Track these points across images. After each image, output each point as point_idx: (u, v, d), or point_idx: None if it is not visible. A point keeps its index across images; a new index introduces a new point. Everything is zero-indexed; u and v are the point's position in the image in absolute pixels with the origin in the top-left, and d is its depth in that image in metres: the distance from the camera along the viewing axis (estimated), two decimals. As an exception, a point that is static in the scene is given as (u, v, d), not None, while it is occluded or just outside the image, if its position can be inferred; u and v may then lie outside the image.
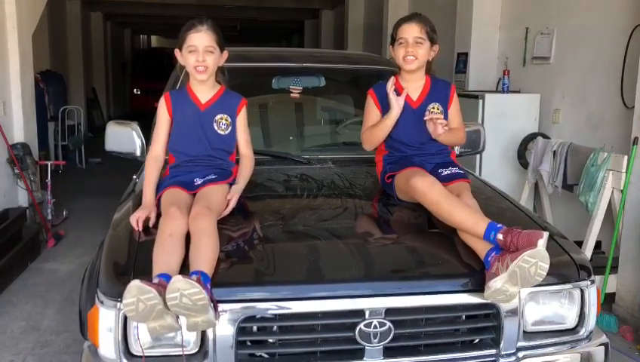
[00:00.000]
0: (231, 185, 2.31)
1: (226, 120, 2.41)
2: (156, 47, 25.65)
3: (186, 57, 2.36)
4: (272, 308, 1.86)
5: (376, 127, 2.52)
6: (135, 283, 1.71)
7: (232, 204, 2.22)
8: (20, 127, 5.57)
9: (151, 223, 2.15)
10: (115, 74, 17.13)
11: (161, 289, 1.74)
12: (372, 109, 2.58)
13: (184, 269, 1.88)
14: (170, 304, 1.72)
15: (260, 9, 14.28)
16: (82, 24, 13.38)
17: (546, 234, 1.89)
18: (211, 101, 2.43)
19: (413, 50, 2.46)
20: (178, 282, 1.72)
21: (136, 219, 2.13)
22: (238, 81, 3.01)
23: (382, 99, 2.55)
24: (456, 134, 2.57)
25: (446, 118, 2.48)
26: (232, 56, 2.40)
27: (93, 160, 9.36)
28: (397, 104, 2.44)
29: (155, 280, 1.79)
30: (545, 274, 1.86)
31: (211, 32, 2.35)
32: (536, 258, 1.83)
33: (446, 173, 2.39)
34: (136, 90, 16.81)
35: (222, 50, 2.40)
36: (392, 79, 2.50)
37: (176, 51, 2.41)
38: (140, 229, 2.12)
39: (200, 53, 2.32)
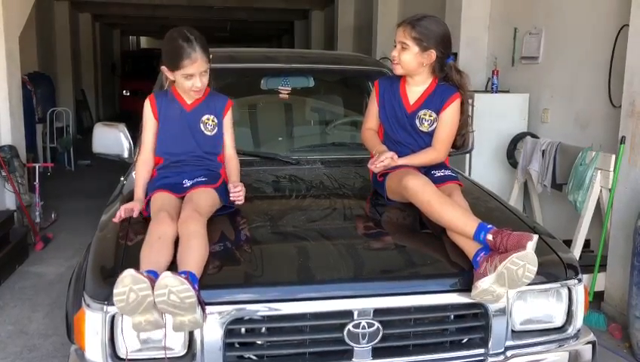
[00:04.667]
0: (217, 189, 2.27)
1: (213, 121, 2.39)
2: (146, 48, 25.53)
3: (179, 80, 2.29)
4: (260, 309, 1.86)
5: (370, 144, 2.54)
6: (129, 272, 1.69)
7: (241, 196, 2.25)
8: (7, 129, 5.51)
9: (135, 214, 2.17)
10: (104, 75, 17.03)
11: (151, 283, 1.72)
12: (372, 102, 2.59)
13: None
14: (157, 300, 1.70)
15: (249, 10, 14.25)
16: (71, 25, 13.29)
17: (535, 237, 1.89)
18: (197, 102, 2.41)
19: (396, 54, 2.45)
20: (167, 278, 1.70)
21: (124, 210, 2.15)
22: (227, 82, 3.01)
23: (383, 94, 2.55)
24: (425, 156, 2.43)
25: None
26: (221, 57, 2.38)
27: (82, 162, 9.29)
28: (383, 158, 2.34)
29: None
30: (532, 276, 1.86)
31: (204, 53, 2.25)
32: (525, 260, 1.84)
33: (439, 174, 2.39)
34: (126, 92, 16.70)
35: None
36: (388, 161, 2.34)
37: (164, 69, 2.30)
38: (122, 217, 2.14)
39: (197, 78, 2.27)
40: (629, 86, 3.71)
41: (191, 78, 2.27)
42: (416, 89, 2.50)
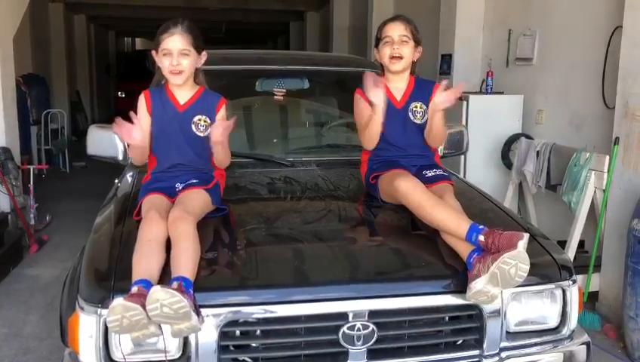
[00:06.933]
0: (208, 191, 2.26)
1: (205, 121, 2.37)
2: (141, 49, 25.43)
3: (161, 60, 2.33)
4: (255, 312, 1.86)
5: (368, 125, 2.48)
6: (119, 302, 1.70)
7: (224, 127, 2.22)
8: (2, 131, 5.49)
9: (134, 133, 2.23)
10: (99, 76, 16.96)
11: (143, 300, 1.72)
12: (362, 105, 2.54)
13: (165, 274, 1.86)
14: (151, 314, 1.71)
15: (245, 11, 14.24)
16: (65, 26, 13.24)
17: (526, 236, 1.90)
18: (190, 102, 2.40)
19: (399, 47, 2.47)
20: (157, 293, 1.70)
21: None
22: (222, 84, 3.00)
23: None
24: (437, 129, 2.49)
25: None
26: (216, 59, 2.38)
27: (77, 164, 9.25)
28: (375, 97, 2.35)
29: (134, 289, 1.77)
30: (525, 275, 1.87)
31: (186, 34, 2.30)
32: (516, 259, 1.84)
33: (430, 174, 2.41)
34: (121, 93, 16.65)
35: (199, 51, 2.36)
36: (372, 74, 2.39)
37: (153, 52, 2.38)
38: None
39: (174, 57, 2.29)
40: (622, 87, 3.72)
41: (169, 56, 2.29)
42: (398, 86, 2.57)
